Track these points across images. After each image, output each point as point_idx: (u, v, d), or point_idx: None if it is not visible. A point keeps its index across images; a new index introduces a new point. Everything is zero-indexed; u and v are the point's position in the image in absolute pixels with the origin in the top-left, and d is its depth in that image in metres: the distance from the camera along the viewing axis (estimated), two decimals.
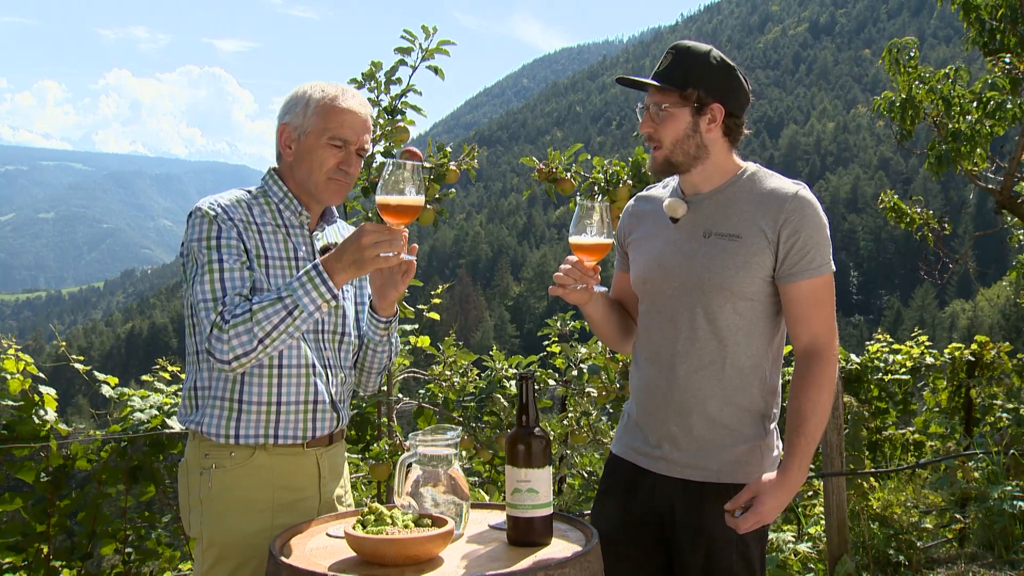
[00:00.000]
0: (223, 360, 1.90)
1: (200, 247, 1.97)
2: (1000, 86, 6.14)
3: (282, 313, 1.89)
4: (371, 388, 2.32)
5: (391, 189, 1.85)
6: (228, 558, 1.99)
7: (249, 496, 2.01)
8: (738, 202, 2.07)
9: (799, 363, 2.06)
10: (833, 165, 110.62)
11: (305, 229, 2.13)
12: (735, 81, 2.07)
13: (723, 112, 2.05)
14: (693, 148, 2.05)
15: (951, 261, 8.00)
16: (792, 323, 2.05)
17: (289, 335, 1.91)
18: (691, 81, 2.02)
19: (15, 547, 3.33)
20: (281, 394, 2.01)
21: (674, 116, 2.04)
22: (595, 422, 3.97)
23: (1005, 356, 6.24)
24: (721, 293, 2.03)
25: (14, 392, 3.42)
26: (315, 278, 1.90)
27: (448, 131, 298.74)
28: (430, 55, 3.40)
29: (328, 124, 2.04)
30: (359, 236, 1.88)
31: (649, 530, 2.11)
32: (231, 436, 2.00)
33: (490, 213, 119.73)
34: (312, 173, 2.07)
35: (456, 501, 1.86)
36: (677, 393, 2.07)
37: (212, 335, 1.90)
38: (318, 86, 2.10)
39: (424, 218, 3.43)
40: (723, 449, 2.05)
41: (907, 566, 4.54)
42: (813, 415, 2.00)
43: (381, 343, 2.20)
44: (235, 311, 1.90)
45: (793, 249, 2.01)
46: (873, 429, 6.03)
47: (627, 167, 3.66)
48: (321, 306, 1.91)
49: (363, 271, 1.93)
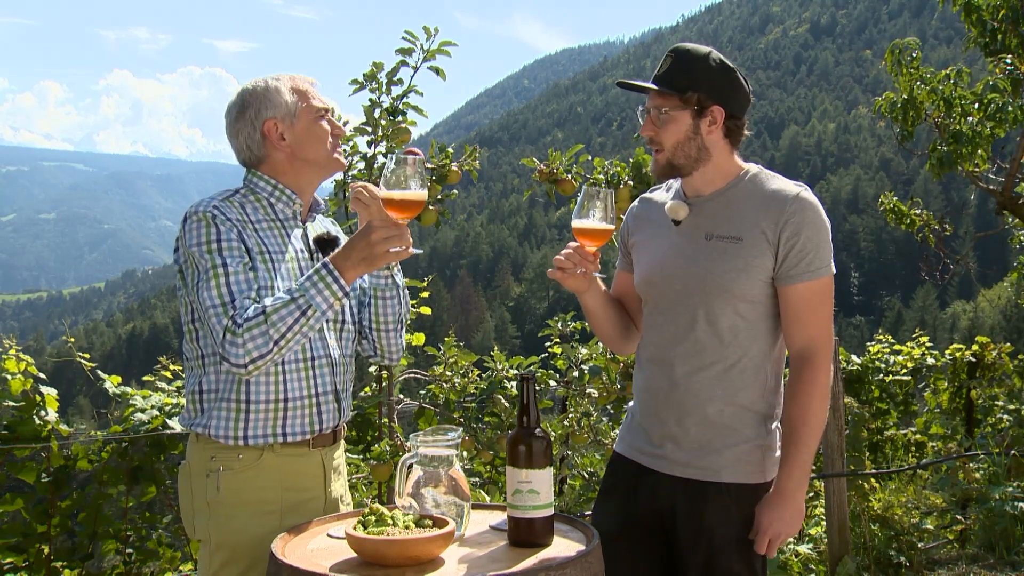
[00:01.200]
0: (239, 364, 1.89)
1: (201, 252, 1.95)
2: (1001, 87, 6.14)
3: (296, 314, 1.89)
4: (394, 351, 2.28)
5: (395, 184, 1.86)
6: (237, 560, 1.99)
7: (258, 498, 2.01)
8: (739, 204, 2.07)
9: (792, 368, 2.06)
10: (834, 166, 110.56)
11: (298, 219, 2.14)
12: (735, 83, 2.07)
13: (723, 114, 2.05)
14: (694, 151, 2.06)
15: (952, 262, 7.99)
16: (787, 325, 2.05)
17: (303, 335, 1.92)
18: (691, 84, 2.02)
19: (16, 547, 3.33)
20: (287, 390, 2.01)
21: (675, 119, 2.04)
22: (596, 423, 3.97)
23: (1006, 357, 6.24)
24: (723, 295, 2.03)
25: (15, 392, 3.43)
26: (326, 277, 1.90)
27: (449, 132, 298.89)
28: (431, 56, 3.40)
29: (309, 101, 2.10)
30: (368, 233, 1.89)
31: (650, 529, 2.11)
32: (240, 437, 2.00)
33: (491, 214, 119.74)
34: (318, 150, 2.11)
35: (457, 502, 1.86)
36: (678, 394, 2.08)
37: (226, 340, 1.88)
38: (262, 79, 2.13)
39: (426, 219, 3.44)
40: (724, 449, 2.05)
41: (908, 567, 4.53)
42: (804, 424, 2.01)
43: (387, 287, 2.19)
44: (247, 314, 1.89)
45: (792, 251, 2.00)
46: (874, 430, 6.04)
47: (628, 168, 3.66)
48: (333, 304, 1.92)
49: (373, 267, 1.94)
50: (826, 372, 2.04)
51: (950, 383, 6.31)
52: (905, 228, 7.68)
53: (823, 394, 2.03)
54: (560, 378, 4.18)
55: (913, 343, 6.43)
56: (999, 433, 5.69)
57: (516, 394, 3.80)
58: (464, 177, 3.55)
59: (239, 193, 2.11)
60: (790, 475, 2.00)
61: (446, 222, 3.56)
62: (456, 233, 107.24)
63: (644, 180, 3.54)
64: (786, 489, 2.00)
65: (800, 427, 2.00)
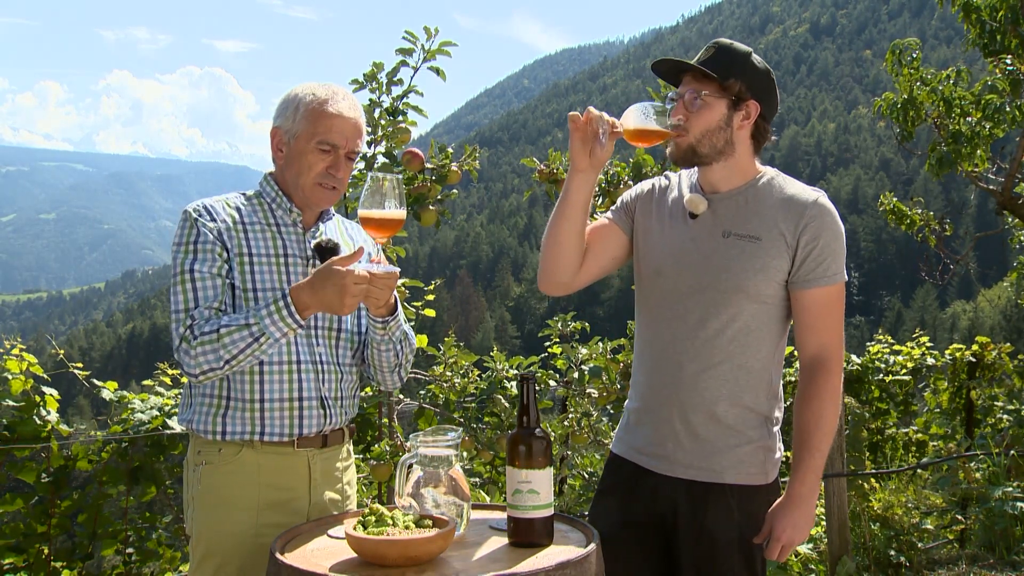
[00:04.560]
0: (191, 373, 1.94)
1: (177, 251, 2.00)
2: (999, 88, 6.14)
3: (248, 339, 1.90)
4: (390, 385, 2.29)
5: (373, 203, 1.85)
6: (213, 555, 2.00)
7: (234, 494, 2.00)
8: (758, 205, 2.05)
9: (804, 373, 2.05)
10: (834, 166, 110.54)
11: (298, 227, 2.12)
12: (772, 86, 2.08)
13: (758, 111, 2.05)
14: (721, 142, 2.04)
15: (952, 262, 7.99)
16: (801, 330, 2.04)
17: (256, 357, 1.93)
18: (733, 74, 2.01)
19: (16, 548, 3.33)
20: (264, 391, 2.01)
21: (710, 106, 2.02)
22: (596, 423, 3.97)
23: (1006, 357, 6.24)
24: (736, 294, 2.01)
25: (16, 393, 3.43)
26: (282, 309, 1.90)
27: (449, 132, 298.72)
28: (432, 56, 3.40)
29: (316, 129, 2.04)
30: (342, 285, 1.84)
31: (649, 530, 2.10)
32: (219, 432, 2.01)
33: (491, 214, 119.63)
34: (300, 177, 2.07)
35: (457, 502, 1.86)
36: (684, 392, 2.05)
37: (180, 348, 1.93)
38: (309, 88, 2.09)
39: (426, 219, 3.43)
40: (728, 450, 2.04)
41: (908, 567, 4.53)
42: (818, 429, 2.00)
43: (383, 342, 2.14)
44: (203, 327, 1.91)
45: (811, 255, 2.00)
46: (874, 430, 6.03)
47: (628, 168, 3.66)
48: (288, 333, 1.92)
49: (339, 314, 1.94)
50: (838, 378, 2.04)
51: (950, 383, 6.31)
52: (905, 228, 7.68)
53: (835, 400, 2.03)
54: (560, 378, 4.18)
55: (913, 343, 6.43)
56: (999, 433, 5.68)
57: (516, 394, 3.80)
58: (464, 177, 3.55)
59: (245, 196, 2.12)
60: (803, 480, 2.00)
61: (446, 222, 3.55)
62: (456, 233, 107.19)
63: (644, 180, 3.53)
64: (799, 495, 2.00)
65: (813, 432, 2.00)
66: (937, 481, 5.27)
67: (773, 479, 2.08)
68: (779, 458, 2.09)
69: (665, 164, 3.58)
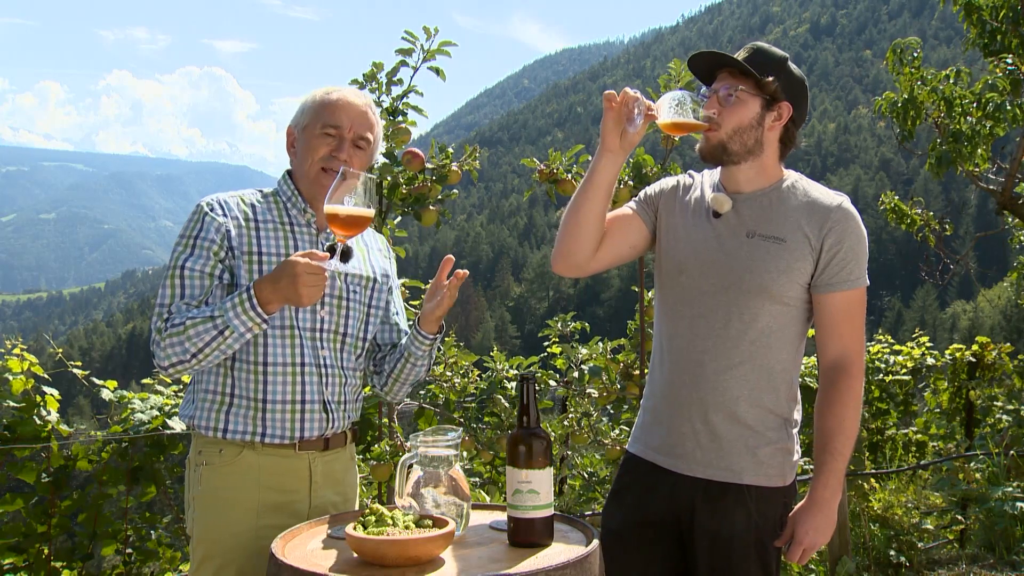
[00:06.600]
0: (160, 366, 1.95)
1: (178, 244, 2.02)
2: (1000, 87, 6.14)
3: (213, 332, 1.90)
4: (398, 397, 2.30)
5: (339, 199, 1.82)
6: (213, 557, 2.00)
7: (235, 495, 2.00)
8: (782, 206, 2.05)
9: (825, 377, 2.04)
10: (834, 166, 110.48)
11: (312, 227, 2.11)
12: (805, 93, 2.10)
13: (790, 113, 2.05)
14: (751, 141, 2.04)
15: (952, 262, 7.99)
16: (823, 334, 2.04)
17: (224, 352, 1.93)
18: (771, 72, 2.02)
19: (16, 548, 3.34)
20: (267, 392, 2.00)
21: (744, 103, 2.02)
22: (596, 423, 3.96)
23: (1006, 357, 6.24)
24: (760, 295, 2.01)
25: (16, 392, 3.43)
26: (245, 302, 1.90)
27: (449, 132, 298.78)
28: (431, 56, 3.40)
29: (321, 114, 2.07)
30: (294, 274, 1.84)
31: (664, 530, 2.09)
32: (220, 429, 2.01)
33: (491, 214, 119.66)
34: (305, 164, 2.07)
35: (457, 502, 1.86)
36: (704, 391, 2.04)
37: (152, 340, 1.95)
38: (320, 88, 2.12)
39: (426, 219, 3.43)
40: (747, 451, 2.03)
41: (908, 567, 4.53)
42: (840, 432, 2.00)
43: (422, 357, 2.17)
44: (173, 320, 1.93)
45: (835, 259, 2.00)
46: (874, 430, 6.04)
47: (628, 168, 3.66)
48: (252, 328, 1.92)
49: (299, 306, 1.95)
50: (860, 382, 2.03)
51: (950, 383, 6.31)
52: (905, 228, 7.68)
53: (857, 404, 2.02)
54: (560, 378, 4.18)
55: (913, 343, 6.43)
56: (999, 433, 5.69)
57: (516, 394, 3.79)
58: (464, 177, 3.55)
59: (262, 193, 2.13)
60: (826, 484, 2.00)
61: (446, 222, 3.55)
62: (456, 233, 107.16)
63: (644, 180, 3.53)
64: (821, 499, 1.99)
65: (836, 436, 2.00)
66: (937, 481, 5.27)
67: (791, 481, 2.07)
68: (797, 460, 2.09)
69: (665, 164, 3.57)
